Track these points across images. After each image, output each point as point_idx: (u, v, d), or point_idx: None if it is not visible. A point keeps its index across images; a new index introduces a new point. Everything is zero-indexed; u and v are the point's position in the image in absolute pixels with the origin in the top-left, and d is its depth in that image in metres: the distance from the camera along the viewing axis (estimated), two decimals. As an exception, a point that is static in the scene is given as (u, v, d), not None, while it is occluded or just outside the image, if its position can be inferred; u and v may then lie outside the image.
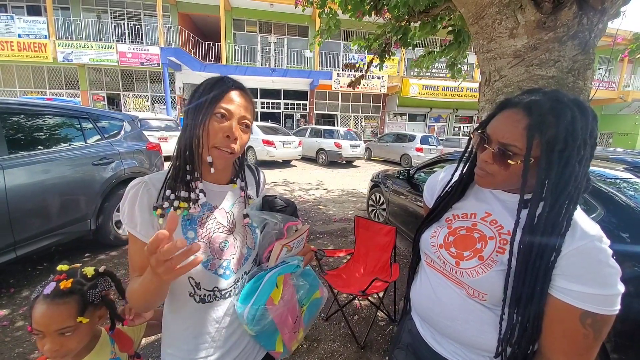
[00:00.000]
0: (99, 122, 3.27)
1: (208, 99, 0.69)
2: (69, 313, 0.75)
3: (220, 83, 0.72)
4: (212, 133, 0.69)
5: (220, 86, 0.71)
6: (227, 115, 0.70)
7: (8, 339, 1.94)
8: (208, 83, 0.72)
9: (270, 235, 0.81)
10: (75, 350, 0.79)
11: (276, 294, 0.75)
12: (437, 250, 0.75)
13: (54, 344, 0.74)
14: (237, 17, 14.76)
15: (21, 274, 2.70)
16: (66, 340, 0.75)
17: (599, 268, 0.55)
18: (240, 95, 0.73)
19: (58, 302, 0.74)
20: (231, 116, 0.70)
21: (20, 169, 2.32)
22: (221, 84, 0.72)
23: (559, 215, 0.58)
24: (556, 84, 1.04)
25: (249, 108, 0.74)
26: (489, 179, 0.67)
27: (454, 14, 2.66)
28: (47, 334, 0.73)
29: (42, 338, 0.74)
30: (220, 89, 0.70)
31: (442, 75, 14.90)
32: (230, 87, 0.72)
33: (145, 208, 0.68)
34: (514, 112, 0.62)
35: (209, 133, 0.69)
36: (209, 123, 0.69)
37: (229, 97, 0.70)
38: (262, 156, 9.60)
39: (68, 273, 0.80)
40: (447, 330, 0.72)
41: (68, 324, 0.75)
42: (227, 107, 0.70)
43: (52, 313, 0.73)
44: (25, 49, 11.73)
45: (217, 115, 0.69)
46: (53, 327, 0.73)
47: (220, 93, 0.70)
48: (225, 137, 0.69)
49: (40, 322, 0.73)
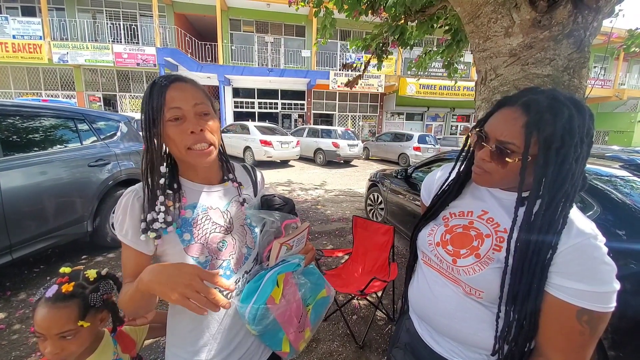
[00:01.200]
0: (95, 124, 3.25)
1: (152, 109, 0.64)
2: (70, 317, 0.75)
3: (154, 87, 0.66)
4: (176, 139, 0.66)
5: (156, 90, 0.66)
6: (179, 114, 0.66)
7: (5, 342, 1.92)
8: (147, 93, 0.66)
9: (269, 234, 0.81)
10: (76, 353, 0.79)
11: (277, 292, 0.75)
12: (434, 248, 0.75)
13: (54, 347, 0.74)
14: (233, 17, 14.72)
15: (17, 276, 2.69)
16: (67, 344, 0.76)
17: (594, 265, 0.55)
18: (181, 87, 0.67)
19: (59, 305, 0.75)
20: (184, 112, 0.66)
21: (16, 171, 2.30)
22: (156, 87, 0.66)
23: (556, 212, 0.58)
24: (552, 82, 1.05)
25: (197, 94, 0.69)
26: (486, 177, 0.67)
27: (451, 13, 2.66)
28: (48, 337, 0.74)
29: (43, 340, 0.74)
30: (157, 92, 0.65)
31: (439, 74, 14.94)
32: (165, 85, 0.66)
33: (136, 217, 0.67)
34: (511, 110, 0.62)
35: (173, 139, 0.66)
36: (166, 130, 0.65)
37: (170, 96, 0.65)
38: (260, 156, 9.58)
39: (70, 276, 0.80)
40: (445, 328, 0.72)
41: (69, 328, 0.75)
42: (175, 107, 0.65)
43: (53, 316, 0.74)
44: (20, 50, 11.64)
45: (170, 120, 0.65)
46: (54, 330, 0.73)
47: (159, 96, 0.65)
48: (190, 135, 0.66)
49: (41, 325, 0.73)
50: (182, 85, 0.68)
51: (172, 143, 0.67)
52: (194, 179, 0.75)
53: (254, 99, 15.70)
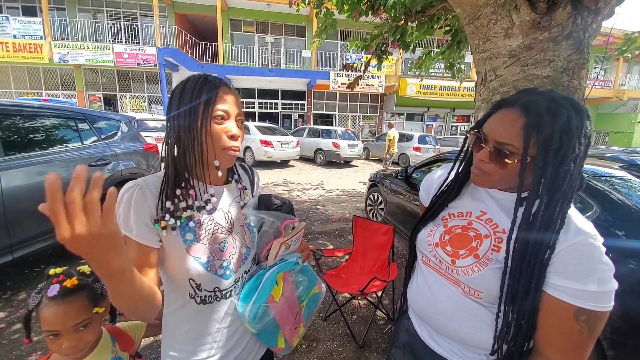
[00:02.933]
0: (96, 123, 3.25)
1: (202, 102, 0.67)
2: (84, 307, 0.78)
3: (208, 83, 0.69)
4: (216, 136, 0.68)
5: (209, 87, 0.69)
6: (225, 116, 0.69)
7: (5, 341, 1.93)
8: (193, 85, 0.68)
9: (268, 234, 0.81)
10: (92, 341, 0.82)
11: (277, 291, 0.76)
12: (433, 249, 0.75)
13: (72, 340, 0.76)
14: (234, 17, 14.73)
15: (18, 276, 2.69)
16: (83, 334, 0.78)
17: (592, 265, 0.56)
18: (229, 93, 0.72)
19: (70, 299, 0.76)
20: (229, 116, 0.70)
21: (17, 171, 2.31)
22: (209, 84, 0.69)
23: (554, 213, 0.59)
24: (551, 83, 1.05)
25: (239, 104, 0.74)
26: (485, 178, 0.67)
27: (450, 14, 2.67)
28: (64, 332, 0.75)
29: (58, 338, 0.75)
30: (211, 89, 0.68)
31: (439, 75, 14.95)
32: (219, 86, 0.70)
33: (141, 211, 0.65)
34: (510, 111, 0.62)
35: (213, 137, 0.68)
36: (210, 126, 0.67)
37: (221, 97, 0.69)
38: (260, 156, 9.58)
39: (65, 274, 0.81)
40: (444, 328, 0.72)
41: (85, 317, 0.78)
42: (224, 108, 0.69)
43: (66, 311, 0.75)
44: (21, 50, 11.64)
45: (216, 118, 0.68)
46: (70, 323, 0.75)
47: (213, 94, 0.68)
48: (229, 138, 0.70)
49: (55, 322, 0.74)
50: (230, 91, 0.72)
51: (209, 139, 0.68)
52: (201, 179, 0.75)
53: (254, 99, 15.70)
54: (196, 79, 0.69)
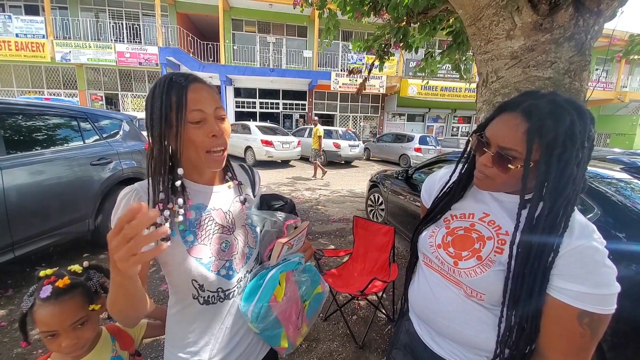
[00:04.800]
0: (97, 122, 3.26)
1: (172, 108, 0.62)
2: (80, 305, 0.78)
3: (174, 85, 0.64)
4: (197, 141, 0.65)
5: (176, 89, 0.63)
6: (201, 117, 0.65)
7: (6, 339, 1.94)
8: (161, 90, 0.63)
9: (271, 233, 0.82)
10: (91, 338, 0.82)
11: (279, 291, 0.76)
12: (436, 250, 0.75)
13: (70, 339, 0.76)
14: (235, 17, 14.75)
15: (19, 274, 2.70)
16: (81, 332, 0.78)
17: (595, 268, 0.56)
18: (200, 89, 0.66)
19: (64, 298, 0.76)
20: (206, 115, 0.65)
21: (19, 169, 2.31)
22: (176, 86, 0.64)
23: (558, 216, 0.58)
24: (553, 85, 1.05)
25: (215, 97, 0.69)
26: (488, 182, 0.67)
27: (453, 15, 2.67)
28: (61, 331, 0.75)
29: (56, 338, 0.75)
30: (179, 91, 0.63)
31: (440, 75, 14.93)
32: (186, 85, 0.64)
33: None
34: (512, 116, 0.62)
35: (194, 142, 0.65)
36: (187, 132, 0.64)
37: (193, 98, 0.64)
38: (260, 156, 9.59)
39: (56, 274, 0.81)
40: (446, 330, 0.72)
41: (81, 315, 0.78)
42: (197, 108, 0.64)
43: (62, 309, 0.75)
44: (23, 49, 11.68)
45: (192, 123, 0.64)
46: (67, 322, 0.75)
47: (180, 96, 0.63)
48: (212, 138, 0.66)
49: (52, 322, 0.74)
50: (201, 87, 0.67)
51: (191, 145, 0.65)
52: (197, 180, 0.74)
53: (255, 99, 15.71)
54: (162, 83, 0.64)
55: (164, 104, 0.63)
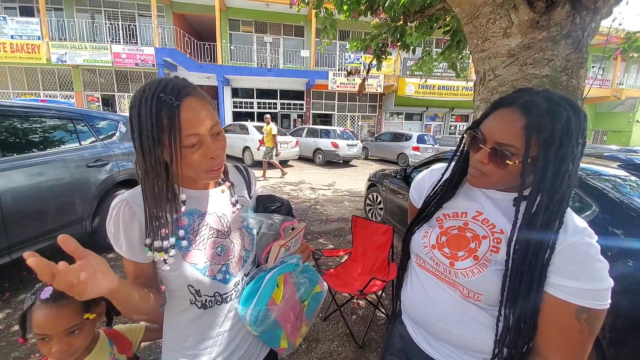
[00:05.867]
0: (94, 124, 3.24)
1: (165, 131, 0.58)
2: (75, 311, 0.77)
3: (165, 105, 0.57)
4: (194, 163, 0.63)
5: (167, 110, 0.57)
6: (197, 141, 0.62)
7: (3, 343, 1.92)
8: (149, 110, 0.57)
9: (268, 236, 0.81)
10: (83, 347, 0.80)
11: (277, 293, 0.75)
12: (430, 251, 0.74)
13: (61, 345, 0.75)
14: (232, 17, 14.71)
15: (16, 277, 2.67)
16: (74, 339, 0.77)
17: (590, 263, 0.56)
18: (194, 108, 0.61)
19: (62, 303, 0.75)
20: (201, 137, 0.62)
21: (15, 172, 2.29)
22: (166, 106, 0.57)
23: (553, 212, 0.59)
24: (550, 82, 1.05)
25: (209, 112, 0.64)
26: (484, 179, 0.66)
27: (449, 14, 2.67)
28: (53, 336, 0.74)
29: (47, 342, 0.74)
30: (170, 112, 0.57)
31: (438, 74, 14.95)
32: (177, 104, 0.58)
33: (129, 228, 0.64)
34: (509, 111, 0.61)
35: (191, 164, 0.63)
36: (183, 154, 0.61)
37: (186, 119, 0.59)
38: (258, 157, 9.56)
39: None
40: (442, 333, 0.71)
41: (75, 322, 0.76)
42: (193, 132, 0.60)
43: (57, 314, 0.74)
44: (18, 50, 11.60)
45: (188, 147, 0.61)
46: (60, 327, 0.74)
47: (174, 117, 0.58)
48: (210, 160, 0.64)
49: (45, 325, 0.73)
50: (194, 104, 0.61)
51: (188, 167, 0.63)
52: (191, 187, 0.73)
53: (253, 99, 15.68)
54: (148, 101, 0.57)
55: (154, 126, 0.57)
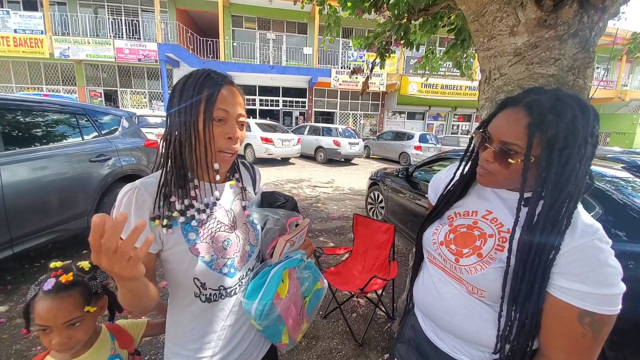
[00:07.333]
0: (96, 119, 3.25)
1: (203, 100, 0.65)
2: (76, 304, 0.77)
3: (210, 80, 0.67)
4: (215, 137, 0.67)
5: (211, 84, 0.66)
6: (225, 117, 0.67)
7: (5, 335, 1.93)
8: (195, 81, 0.66)
9: (273, 231, 0.81)
10: (83, 340, 0.80)
11: (282, 288, 0.76)
12: (438, 247, 0.76)
13: (62, 337, 0.75)
14: (235, 13, 14.67)
15: (18, 270, 2.69)
16: (74, 332, 0.77)
17: (597, 267, 0.55)
18: (232, 92, 0.69)
19: (63, 295, 0.75)
20: (229, 117, 0.68)
21: (17, 166, 2.30)
22: (211, 81, 0.67)
23: (559, 213, 0.58)
24: (556, 82, 1.04)
25: (242, 104, 0.72)
26: (490, 178, 0.67)
27: (454, 12, 2.65)
28: (54, 328, 0.74)
29: (48, 333, 0.74)
30: (212, 87, 0.66)
31: (441, 73, 14.89)
32: (221, 84, 0.67)
33: (138, 213, 0.65)
34: (514, 111, 0.62)
35: (211, 140, 0.67)
36: (209, 127, 0.66)
37: (223, 97, 0.67)
38: (260, 154, 9.58)
39: (64, 268, 0.80)
40: (448, 325, 0.73)
41: (76, 315, 0.76)
42: (224, 109, 0.67)
43: (58, 306, 0.74)
44: (22, 45, 11.63)
45: (215, 119, 0.66)
46: (61, 319, 0.74)
47: (214, 92, 0.66)
48: (227, 140, 0.68)
49: (47, 317, 0.74)
50: (234, 90, 0.70)
51: (209, 139, 0.67)
52: (201, 177, 0.73)
53: (255, 96, 15.67)
54: (199, 74, 0.67)
55: (196, 94, 0.65)
